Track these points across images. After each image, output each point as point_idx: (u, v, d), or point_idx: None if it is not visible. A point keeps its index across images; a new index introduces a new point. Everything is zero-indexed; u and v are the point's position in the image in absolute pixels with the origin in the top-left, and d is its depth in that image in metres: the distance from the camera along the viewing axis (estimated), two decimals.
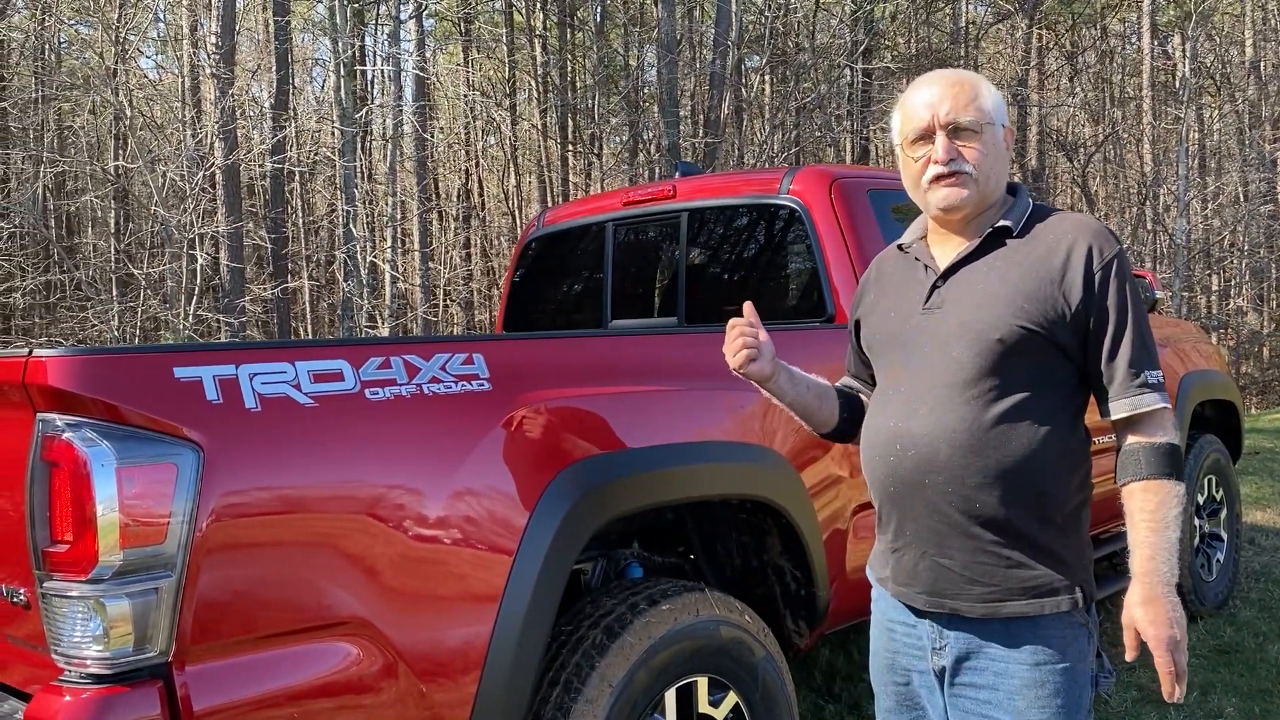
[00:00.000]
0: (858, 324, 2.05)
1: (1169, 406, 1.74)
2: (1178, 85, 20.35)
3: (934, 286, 1.85)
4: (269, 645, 1.82)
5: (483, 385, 2.15)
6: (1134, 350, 1.72)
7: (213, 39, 14.19)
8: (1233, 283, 23.06)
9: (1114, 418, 1.75)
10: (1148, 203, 20.25)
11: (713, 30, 16.64)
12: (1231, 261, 22.52)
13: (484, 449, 2.10)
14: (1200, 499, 4.81)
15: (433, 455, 2.04)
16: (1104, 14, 24.50)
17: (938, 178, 1.80)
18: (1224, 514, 4.97)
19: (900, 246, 1.98)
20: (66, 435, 1.67)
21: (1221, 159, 24.47)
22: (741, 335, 1.96)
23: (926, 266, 1.88)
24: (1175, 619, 1.67)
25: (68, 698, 1.66)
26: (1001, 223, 1.81)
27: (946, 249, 1.88)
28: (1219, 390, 4.94)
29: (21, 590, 1.82)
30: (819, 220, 3.29)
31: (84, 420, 1.68)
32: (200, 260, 12.58)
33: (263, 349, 1.92)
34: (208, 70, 14.55)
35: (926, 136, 1.81)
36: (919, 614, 1.86)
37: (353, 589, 1.90)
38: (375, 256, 16.14)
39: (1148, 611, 1.67)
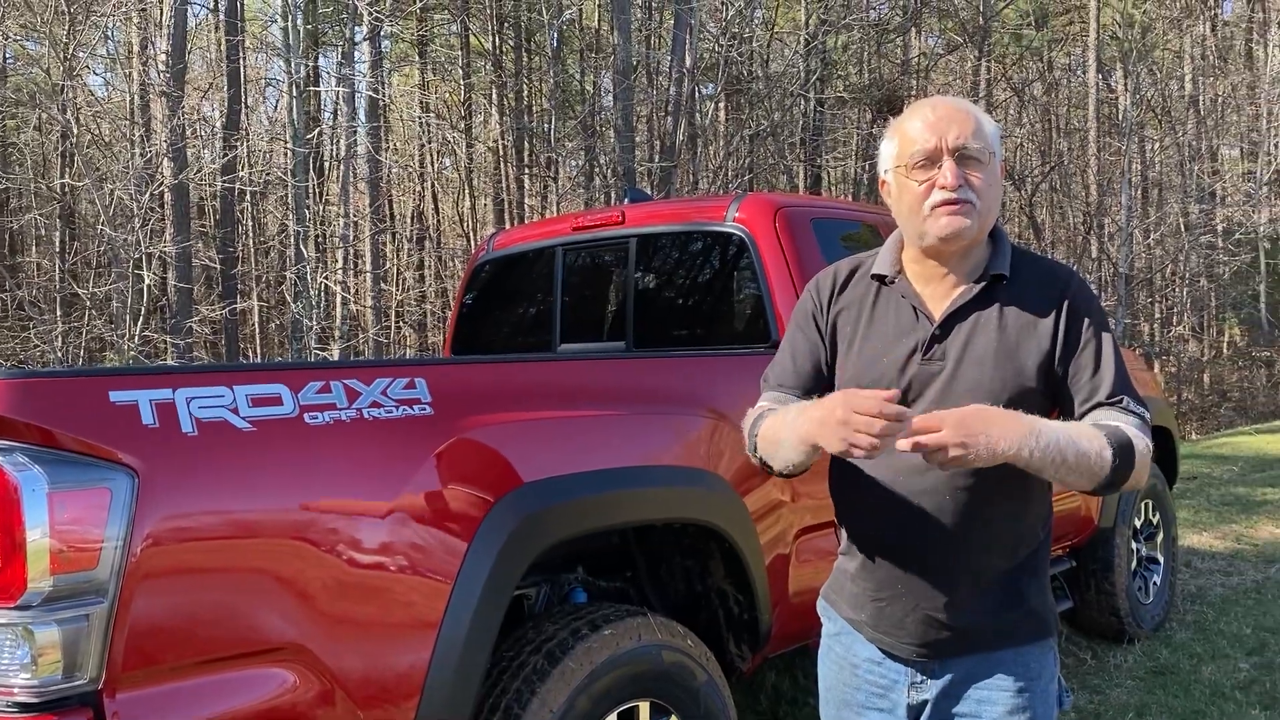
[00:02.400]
0: (830, 355, 1.88)
1: (1147, 436, 1.69)
2: (1121, 118, 20.84)
3: (934, 337, 1.75)
4: (203, 671, 1.80)
5: (424, 410, 2.15)
6: (1113, 380, 1.71)
7: (163, 57, 14.06)
8: (1174, 311, 23.59)
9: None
10: (1092, 232, 20.67)
11: (669, 57, 16.79)
12: (1173, 290, 23.03)
13: (424, 474, 2.10)
14: (1138, 523, 4.91)
15: (372, 480, 2.03)
16: (1050, 47, 25.08)
17: (944, 203, 1.70)
18: (1160, 538, 5.07)
19: (878, 278, 1.85)
20: None
21: (1163, 190, 25.06)
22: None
23: (916, 309, 1.78)
24: (1003, 432, 1.52)
25: None
26: (997, 270, 1.76)
27: (933, 289, 1.79)
28: (1156, 417, 5.05)
29: None
30: (763, 248, 3.34)
31: (15, 445, 1.66)
32: (147, 280, 12.40)
33: (201, 372, 1.91)
34: (158, 88, 14.41)
35: (932, 161, 1.71)
36: (894, 657, 1.84)
37: (290, 615, 1.89)
38: (326, 277, 16.01)
39: (958, 413, 1.54)
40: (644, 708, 2.49)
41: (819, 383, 1.88)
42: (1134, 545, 4.84)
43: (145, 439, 1.76)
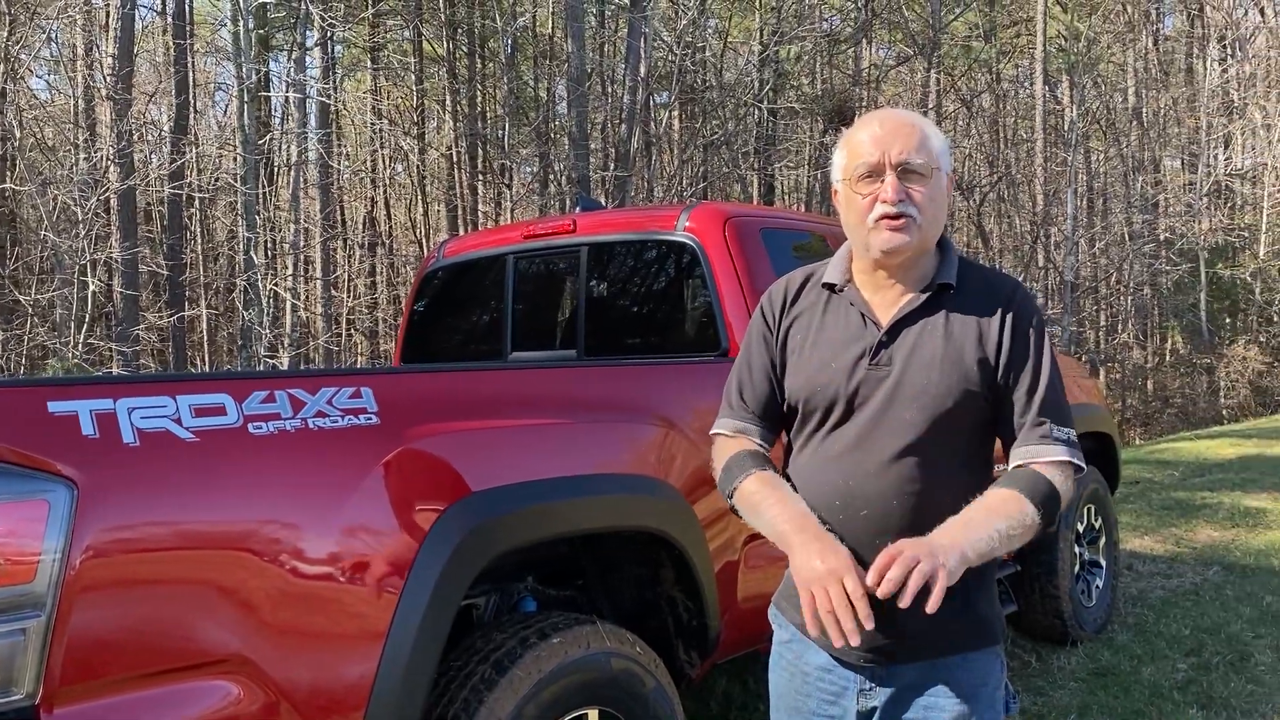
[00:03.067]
0: (781, 363, 1.90)
1: (1073, 461, 1.75)
2: (1067, 129, 21.24)
3: (880, 343, 1.79)
4: (145, 685, 1.78)
5: (371, 420, 2.15)
6: (1042, 401, 1.76)
7: (109, 60, 13.84)
8: (1118, 318, 24.07)
9: (1013, 465, 1.77)
10: (1039, 241, 21.03)
11: (623, 65, 16.84)
12: (1117, 298, 23.50)
13: (371, 484, 2.09)
14: (1080, 527, 5.01)
15: (318, 491, 2.02)
16: (998, 59, 25.49)
17: (884, 218, 1.74)
18: (1103, 542, 5.17)
19: (829, 286, 1.89)
20: None
21: (1107, 200, 25.58)
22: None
23: (864, 315, 1.82)
24: (931, 551, 1.56)
25: None
26: (943, 279, 1.80)
27: (882, 297, 1.83)
28: (1098, 423, 5.16)
29: None
30: (713, 257, 3.37)
31: None
32: (92, 287, 12.19)
33: (143, 382, 1.89)
34: (104, 92, 14.18)
35: (875, 174, 1.75)
36: (844, 663, 1.86)
37: (234, 626, 1.87)
38: (277, 284, 15.85)
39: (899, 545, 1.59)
40: (593, 715, 2.49)
41: (774, 400, 1.92)
42: (1077, 549, 4.93)
43: (85, 450, 1.74)
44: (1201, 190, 21.86)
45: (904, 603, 1.55)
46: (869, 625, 1.59)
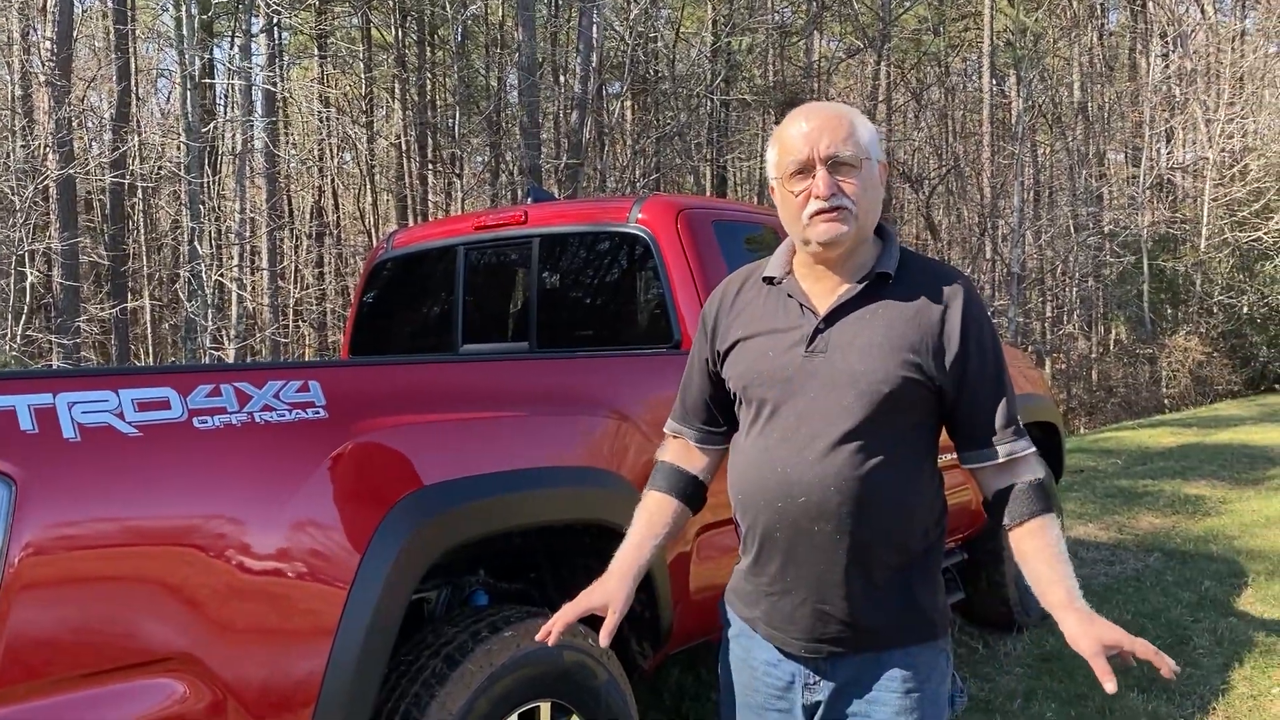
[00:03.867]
0: (722, 356, 1.95)
1: (1035, 450, 1.84)
2: (1014, 123, 21.52)
3: (817, 330, 1.81)
4: (89, 684, 1.74)
5: (319, 414, 2.12)
6: (1007, 400, 1.81)
7: (48, 45, 13.51)
8: (1063, 310, 24.47)
9: (988, 464, 1.81)
10: (986, 234, 21.31)
11: (576, 55, 16.77)
12: (1062, 290, 23.90)
13: (319, 479, 2.07)
14: None
15: (265, 486, 1.99)
16: (947, 53, 25.77)
17: (819, 212, 1.76)
18: None
19: (768, 280, 1.92)
20: None
21: (1053, 193, 25.96)
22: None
23: (803, 305, 1.84)
24: (1111, 623, 1.73)
25: None
26: (881, 269, 1.81)
27: (821, 288, 1.86)
28: (1043, 413, 5.24)
29: None
30: (666, 249, 3.37)
31: None
32: (30, 278, 11.91)
33: (84, 376, 1.85)
34: (41, 78, 13.84)
35: (806, 171, 1.77)
36: (790, 655, 1.87)
37: (179, 624, 1.84)
38: (222, 275, 15.60)
39: (1096, 628, 1.69)
40: (545, 708, 2.49)
41: (713, 399, 2.03)
42: None
43: (23, 445, 1.70)
44: (1144, 184, 22.28)
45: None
46: (604, 641, 1.93)
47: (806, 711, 1.88)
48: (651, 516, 2.07)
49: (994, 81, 23.40)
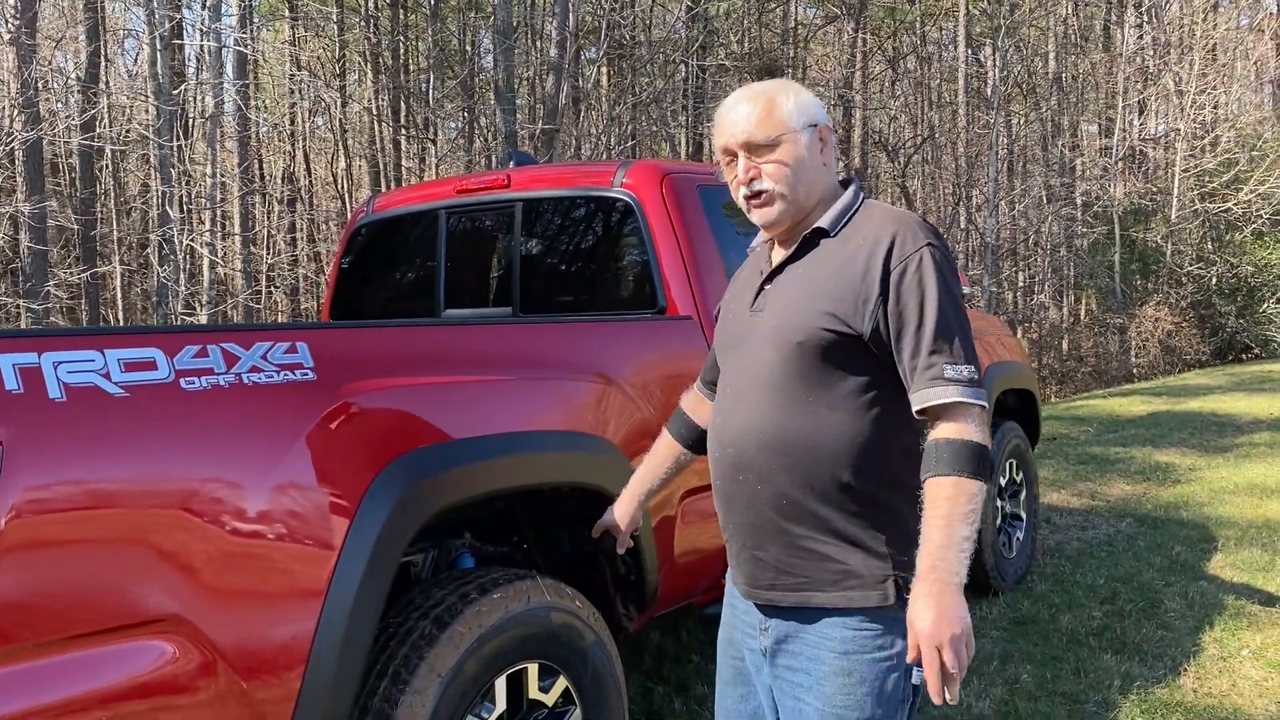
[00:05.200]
0: (716, 322, 2.12)
1: (971, 402, 1.69)
2: (990, 93, 21.54)
3: (760, 289, 1.90)
4: (77, 646, 1.73)
5: (307, 375, 2.10)
6: (932, 342, 1.70)
7: (13, 2, 13.21)
8: (1036, 280, 24.64)
9: (913, 410, 1.74)
10: (961, 203, 21.38)
11: (551, 19, 16.60)
12: (1035, 260, 24.04)
13: (308, 440, 2.05)
14: (1002, 481, 5.14)
15: (253, 447, 1.98)
16: (923, 22, 25.71)
17: (746, 198, 1.86)
18: (1023, 495, 5.32)
19: (749, 250, 2.07)
20: None
21: (1027, 163, 26.04)
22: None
23: (762, 270, 1.94)
24: (949, 617, 1.59)
25: None
26: (817, 224, 1.85)
27: (780, 252, 1.93)
28: (1020, 380, 5.29)
29: None
30: (650, 214, 3.35)
31: None
32: None
33: (69, 336, 1.82)
34: (5, 37, 13.54)
35: (733, 157, 1.86)
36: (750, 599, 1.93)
37: (168, 586, 1.83)
38: (194, 240, 15.41)
39: (921, 608, 1.61)
40: (532, 669, 2.50)
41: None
42: (999, 503, 5.07)
43: (9, 406, 1.68)
44: (1117, 154, 22.39)
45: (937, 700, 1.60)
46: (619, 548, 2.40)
47: (764, 655, 1.93)
48: (660, 454, 2.33)
49: (969, 51, 23.38)
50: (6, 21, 13.17)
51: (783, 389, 1.79)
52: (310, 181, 27.33)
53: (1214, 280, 20.42)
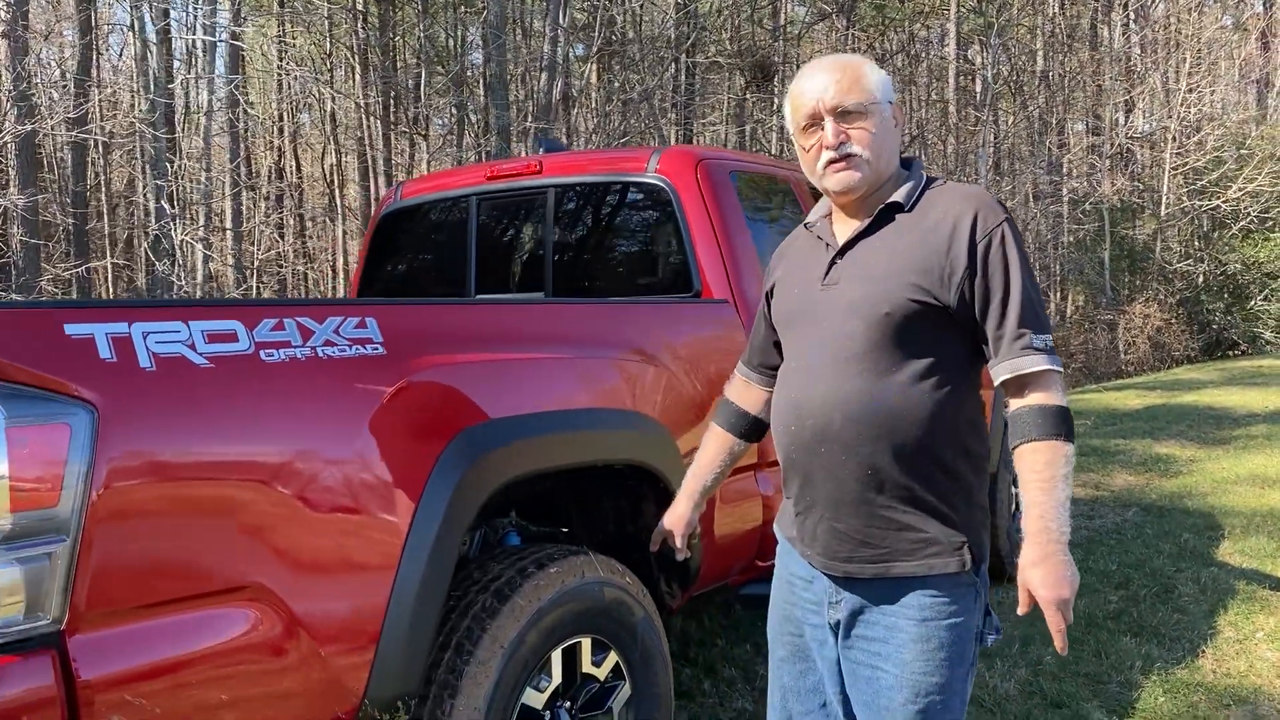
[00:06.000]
0: (769, 298, 2.11)
1: (1055, 369, 1.78)
2: (980, 91, 21.67)
3: (832, 262, 1.92)
4: (166, 611, 1.76)
5: (377, 350, 2.13)
6: (1019, 313, 1.77)
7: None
8: None
9: (998, 381, 1.80)
10: None
11: (544, 18, 16.59)
12: None
13: (379, 413, 2.08)
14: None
15: (328, 418, 2.00)
16: (912, 19, 25.81)
17: (830, 162, 1.87)
18: None
19: (806, 225, 2.05)
20: None
21: (1015, 161, 26.20)
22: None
23: (828, 244, 1.95)
24: (1066, 577, 1.70)
25: None
26: (892, 199, 1.88)
27: (846, 227, 1.95)
28: None
29: None
30: (685, 198, 3.39)
31: None
32: None
33: (157, 307, 1.84)
34: None
35: (816, 123, 1.88)
36: (818, 570, 1.95)
37: (250, 554, 1.85)
38: (188, 234, 15.36)
39: (1039, 572, 1.71)
40: (586, 643, 2.54)
41: (770, 344, 2.16)
42: (1013, 490, 5.12)
43: (103, 374, 1.70)
44: (1105, 152, 22.56)
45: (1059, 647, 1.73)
46: (678, 556, 2.38)
47: (833, 629, 1.95)
48: (711, 449, 2.31)
49: (959, 49, 23.49)
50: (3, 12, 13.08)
51: (867, 359, 1.81)
52: (299, 177, 27.22)
53: (1201, 278, 20.61)
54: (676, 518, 2.35)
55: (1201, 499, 6.83)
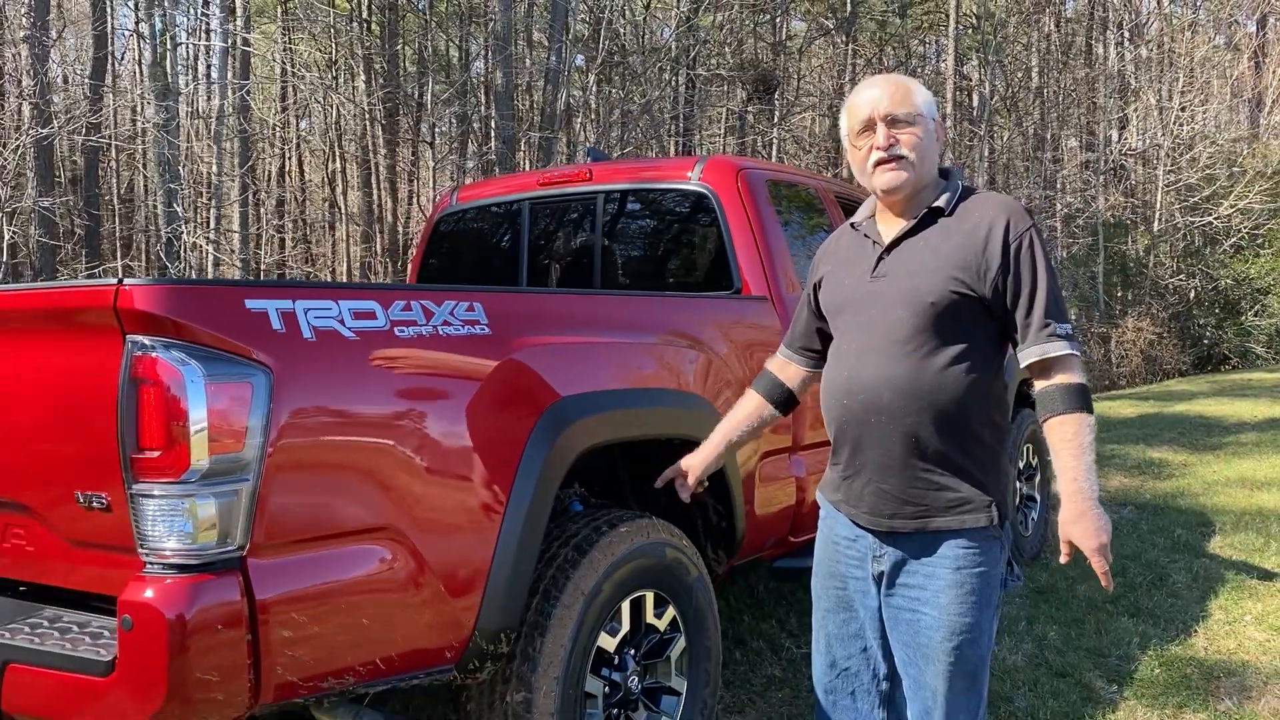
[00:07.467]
0: (815, 291, 2.40)
1: (1076, 354, 2.08)
2: (978, 106, 22.07)
3: (880, 258, 2.22)
4: (323, 545, 2.07)
5: (484, 330, 2.45)
6: (1045, 305, 2.07)
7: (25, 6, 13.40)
8: None
9: (1025, 364, 2.12)
10: None
11: (547, 28, 16.93)
12: None
13: (487, 384, 2.40)
14: (1020, 465, 5.52)
15: (448, 388, 2.33)
16: (911, 35, 26.23)
17: (880, 162, 2.16)
18: (1038, 479, 5.71)
19: (853, 225, 2.34)
20: (158, 354, 1.88)
21: (1010, 176, 26.61)
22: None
23: (874, 242, 2.24)
24: (1102, 527, 2.05)
25: (169, 581, 1.87)
26: (936, 204, 2.19)
27: (889, 226, 2.24)
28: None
29: (103, 495, 2.00)
30: (726, 204, 3.72)
31: (174, 341, 1.89)
32: (8, 237, 11.91)
33: (311, 287, 2.16)
34: (21, 34, 13.75)
35: (869, 128, 2.18)
36: (862, 529, 2.26)
37: (386, 500, 2.16)
38: (198, 237, 15.66)
39: (1079, 526, 2.05)
40: (649, 596, 2.85)
41: (811, 330, 2.47)
42: (1017, 484, 5.45)
43: (276, 341, 2.01)
44: (1100, 169, 22.98)
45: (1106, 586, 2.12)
46: (683, 496, 2.65)
47: (876, 580, 2.27)
48: (745, 409, 2.60)
49: (955, 65, 23.90)
50: (21, 20, 13.37)
51: (912, 343, 2.12)
52: (303, 184, 27.51)
53: (1192, 293, 21.01)
54: (694, 463, 2.62)
55: (1193, 499, 7.16)
